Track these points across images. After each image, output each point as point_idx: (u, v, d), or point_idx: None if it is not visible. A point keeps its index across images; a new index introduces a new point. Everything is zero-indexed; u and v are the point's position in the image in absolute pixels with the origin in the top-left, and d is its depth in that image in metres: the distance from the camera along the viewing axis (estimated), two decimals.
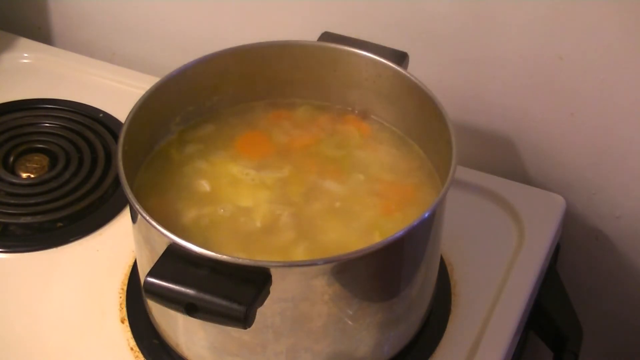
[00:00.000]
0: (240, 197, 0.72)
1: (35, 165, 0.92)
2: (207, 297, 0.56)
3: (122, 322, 0.76)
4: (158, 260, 0.58)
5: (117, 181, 0.89)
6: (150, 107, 0.72)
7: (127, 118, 0.70)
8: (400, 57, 0.77)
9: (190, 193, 0.73)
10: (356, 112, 0.80)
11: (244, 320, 0.55)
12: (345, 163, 0.76)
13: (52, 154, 0.93)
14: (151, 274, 0.57)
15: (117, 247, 0.83)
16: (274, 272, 0.58)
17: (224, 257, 0.58)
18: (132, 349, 0.74)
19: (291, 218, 0.70)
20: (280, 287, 0.59)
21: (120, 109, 0.95)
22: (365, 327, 0.67)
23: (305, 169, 0.75)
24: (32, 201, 0.87)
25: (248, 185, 0.73)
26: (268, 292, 0.58)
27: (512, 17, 0.85)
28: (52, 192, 0.89)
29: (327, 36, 0.79)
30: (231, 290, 0.56)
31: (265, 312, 0.60)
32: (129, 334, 0.75)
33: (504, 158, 0.95)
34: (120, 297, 0.78)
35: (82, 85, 1.04)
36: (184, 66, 0.75)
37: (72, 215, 0.87)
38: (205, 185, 0.73)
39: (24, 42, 1.11)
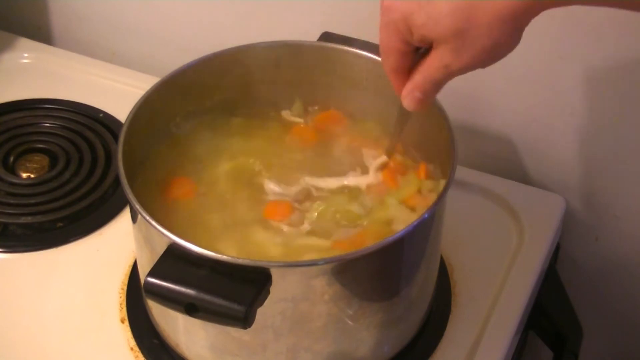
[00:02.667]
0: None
1: (35, 165, 0.92)
2: (207, 297, 0.56)
3: (122, 322, 0.76)
4: (158, 260, 0.58)
5: (117, 181, 0.89)
6: (150, 107, 0.72)
7: (127, 118, 0.70)
8: None
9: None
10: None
11: (244, 320, 0.55)
12: (345, 163, 0.76)
13: (52, 154, 0.93)
14: (151, 274, 0.57)
15: (117, 247, 0.83)
16: (274, 272, 0.58)
17: (224, 257, 0.58)
18: (132, 349, 0.74)
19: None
20: (280, 287, 0.59)
21: (120, 109, 0.95)
22: (365, 327, 0.67)
23: (306, 169, 0.75)
24: (32, 201, 0.87)
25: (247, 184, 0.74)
26: (268, 292, 0.58)
27: None
28: (52, 192, 0.89)
29: (327, 36, 0.79)
30: (231, 290, 0.56)
31: (265, 312, 0.60)
32: (129, 334, 0.75)
33: (504, 158, 0.95)
34: (120, 297, 0.78)
35: (82, 85, 1.04)
36: (184, 66, 0.75)
37: (72, 215, 0.87)
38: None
39: (24, 42, 1.11)
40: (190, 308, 0.56)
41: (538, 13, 0.55)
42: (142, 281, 0.60)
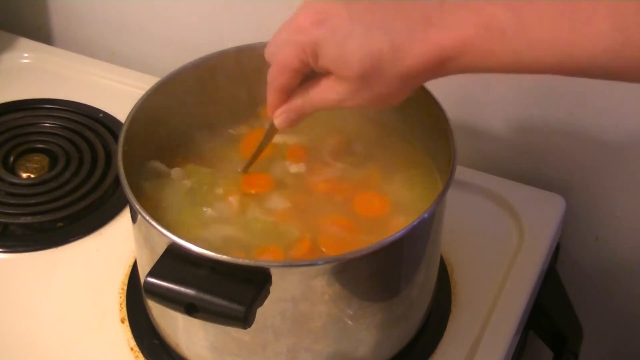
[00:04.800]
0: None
1: (35, 165, 0.92)
2: (207, 297, 0.56)
3: (122, 322, 0.76)
4: (158, 260, 0.58)
5: (117, 181, 0.89)
6: (150, 107, 0.72)
7: (127, 118, 0.70)
8: None
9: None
10: None
11: (244, 320, 0.55)
12: (347, 162, 0.76)
13: (52, 154, 0.93)
14: (151, 274, 0.57)
15: (117, 247, 0.83)
16: (274, 272, 0.58)
17: (224, 257, 0.58)
18: (132, 349, 0.74)
19: (296, 212, 0.70)
20: (280, 287, 0.59)
21: (120, 109, 0.95)
22: (365, 327, 0.67)
23: (307, 169, 0.75)
24: (32, 201, 0.87)
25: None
26: (268, 292, 0.58)
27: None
28: (52, 192, 0.89)
29: None
30: (231, 290, 0.56)
31: (265, 312, 0.60)
32: (129, 334, 0.75)
33: (504, 158, 0.95)
34: (120, 297, 0.78)
35: (82, 85, 1.04)
36: (184, 66, 0.75)
37: (72, 215, 0.87)
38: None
39: (24, 42, 1.11)
40: (190, 308, 0.56)
41: (435, 78, 0.57)
42: (142, 281, 0.60)
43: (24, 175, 0.91)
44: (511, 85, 0.90)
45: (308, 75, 0.62)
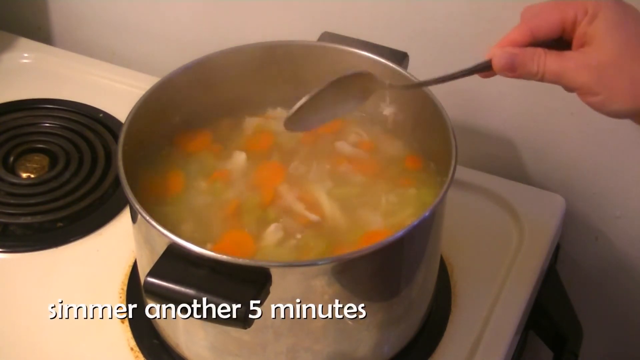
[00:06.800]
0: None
1: (35, 165, 0.92)
2: (207, 297, 0.56)
3: (122, 322, 0.76)
4: (158, 260, 0.59)
5: (117, 181, 0.89)
6: (150, 107, 0.72)
7: (127, 118, 0.70)
8: (400, 57, 0.77)
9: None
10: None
11: (244, 320, 0.55)
12: (346, 163, 0.76)
13: (52, 154, 0.93)
14: (151, 274, 0.57)
15: (117, 247, 0.83)
16: (274, 272, 0.58)
17: (224, 257, 0.58)
18: (132, 349, 0.74)
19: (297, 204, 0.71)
20: (280, 287, 0.59)
21: (120, 109, 0.95)
22: (365, 327, 0.67)
23: (309, 171, 0.75)
24: (32, 201, 0.87)
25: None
26: (268, 292, 0.58)
27: (512, 17, 0.85)
28: (52, 192, 0.89)
29: (327, 36, 0.79)
30: (231, 290, 0.56)
31: (265, 312, 0.60)
32: (129, 334, 0.75)
33: (504, 158, 0.95)
34: (120, 297, 0.78)
35: (82, 85, 1.04)
36: (184, 66, 0.75)
37: (72, 215, 0.87)
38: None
39: (24, 42, 1.11)
40: (190, 308, 0.56)
41: None
42: (142, 281, 0.60)
43: (24, 175, 0.91)
44: (511, 85, 0.89)
45: (550, 42, 0.57)
